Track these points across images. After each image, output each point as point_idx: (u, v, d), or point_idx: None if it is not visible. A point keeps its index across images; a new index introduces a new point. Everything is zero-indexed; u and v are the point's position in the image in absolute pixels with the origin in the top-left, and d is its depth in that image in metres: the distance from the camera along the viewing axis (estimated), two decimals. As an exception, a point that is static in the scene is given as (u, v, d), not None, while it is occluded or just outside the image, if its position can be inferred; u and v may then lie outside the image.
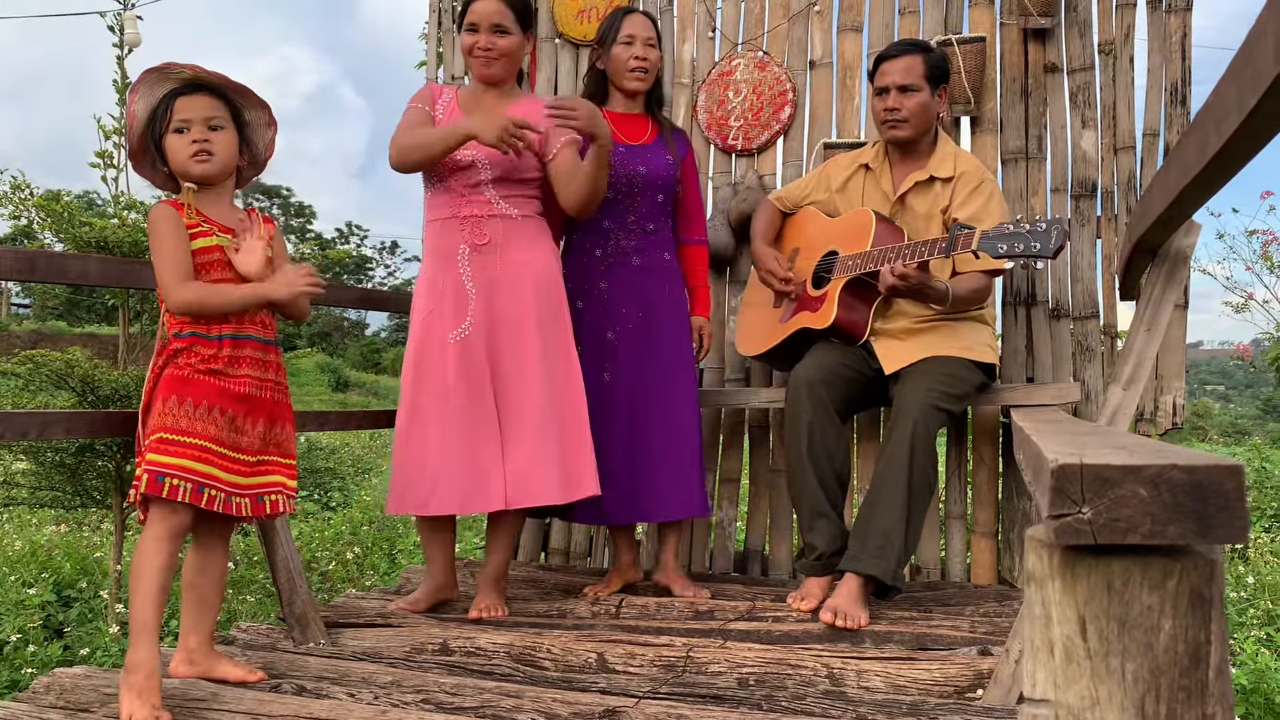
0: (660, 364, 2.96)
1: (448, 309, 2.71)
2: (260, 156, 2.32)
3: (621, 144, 2.97)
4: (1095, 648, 0.88)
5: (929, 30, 3.44)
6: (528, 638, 2.43)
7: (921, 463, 2.56)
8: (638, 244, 2.98)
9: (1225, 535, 0.83)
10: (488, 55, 2.75)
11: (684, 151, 3.08)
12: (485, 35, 2.74)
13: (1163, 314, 2.25)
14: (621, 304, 2.96)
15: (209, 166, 2.14)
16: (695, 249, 3.12)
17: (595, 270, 2.99)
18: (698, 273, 3.12)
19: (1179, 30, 3.15)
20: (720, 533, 3.58)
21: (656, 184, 2.97)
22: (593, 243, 3.00)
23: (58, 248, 6.37)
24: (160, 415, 2.03)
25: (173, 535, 2.03)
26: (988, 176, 2.88)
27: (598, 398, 2.91)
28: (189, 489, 1.98)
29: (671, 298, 3.01)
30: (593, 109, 2.63)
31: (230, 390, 2.09)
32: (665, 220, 3.05)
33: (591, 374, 2.92)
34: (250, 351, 2.13)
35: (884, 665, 2.18)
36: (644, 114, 3.07)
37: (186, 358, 2.06)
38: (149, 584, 2.00)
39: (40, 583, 4.19)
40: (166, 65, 2.16)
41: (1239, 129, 1.02)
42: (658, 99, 3.10)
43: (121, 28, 5.86)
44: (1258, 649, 3.05)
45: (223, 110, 2.18)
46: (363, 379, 23.54)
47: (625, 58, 2.97)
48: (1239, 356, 7.77)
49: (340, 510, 7.14)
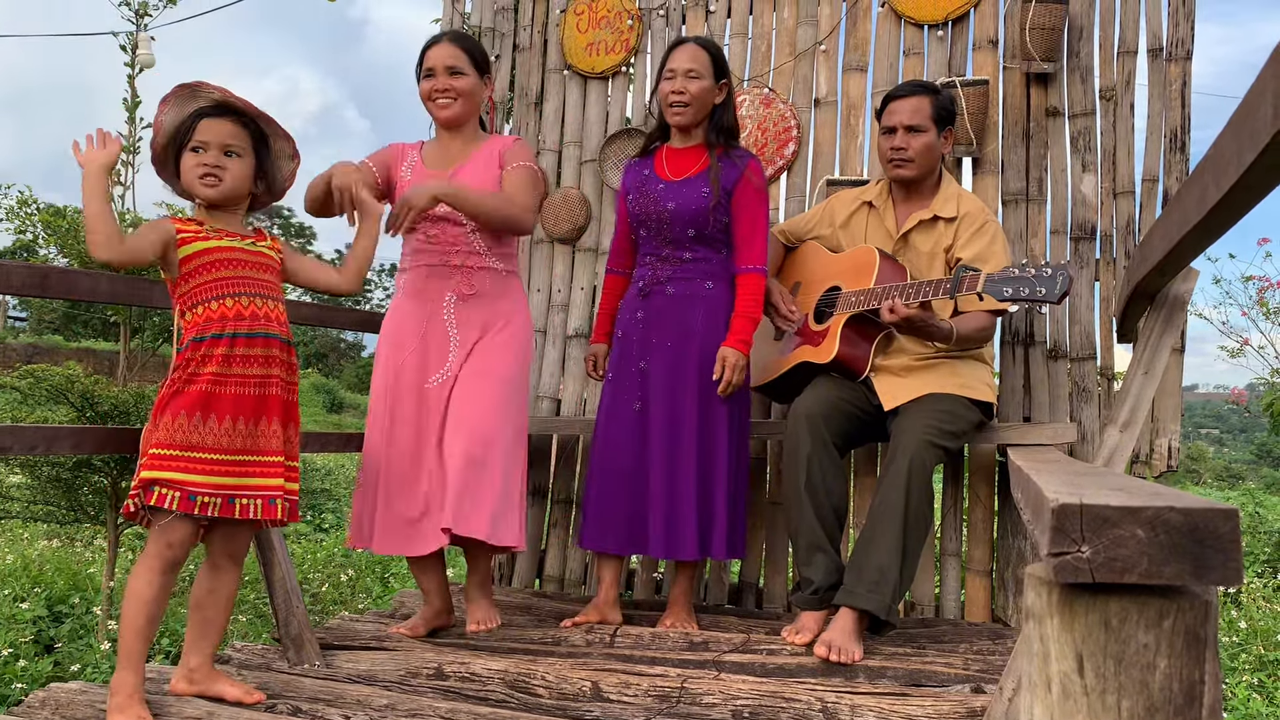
0: (688, 396, 2.89)
1: (430, 355, 2.74)
2: (279, 187, 2.35)
3: (664, 180, 2.97)
4: (1092, 684, 0.90)
5: (933, 72, 3.49)
6: (522, 664, 2.43)
7: (917, 499, 2.57)
8: (672, 273, 2.97)
9: (1220, 577, 0.85)
10: (445, 95, 2.78)
11: (734, 179, 2.92)
12: (442, 78, 2.78)
13: (1160, 357, 2.28)
14: (653, 334, 2.95)
15: (213, 192, 2.18)
16: (745, 277, 2.93)
17: (634, 300, 3.02)
18: (740, 302, 2.92)
19: (1179, 78, 3.20)
20: (716, 564, 3.58)
21: (684, 218, 2.92)
22: (637, 274, 3.05)
23: (61, 263, 6.39)
24: (157, 430, 2.05)
25: (165, 568, 2.06)
26: (991, 218, 2.92)
27: (625, 427, 2.92)
28: (178, 497, 2.00)
29: (711, 328, 2.92)
30: (408, 205, 2.55)
31: (234, 393, 2.09)
32: (710, 251, 2.96)
33: (622, 403, 2.95)
34: (260, 350, 2.14)
35: (878, 701, 2.18)
36: (700, 145, 3.00)
37: (194, 364, 2.08)
38: (137, 616, 2.04)
39: (32, 598, 4.18)
40: (199, 84, 2.20)
41: (1237, 182, 1.05)
42: (720, 127, 2.97)
43: (134, 48, 5.91)
44: (1249, 694, 3.06)
45: (243, 138, 2.21)
46: (357, 400, 23.54)
47: (665, 92, 2.95)
48: (1234, 401, 7.80)
49: (333, 532, 7.13)
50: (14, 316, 25.16)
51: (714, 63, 2.92)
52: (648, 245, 3.02)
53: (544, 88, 4.04)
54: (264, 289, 2.20)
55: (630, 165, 3.12)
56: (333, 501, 8.32)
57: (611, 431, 2.96)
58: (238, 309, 2.12)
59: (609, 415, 2.98)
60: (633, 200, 3.03)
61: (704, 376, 2.88)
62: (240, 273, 2.16)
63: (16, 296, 17.61)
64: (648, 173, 3.03)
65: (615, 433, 2.95)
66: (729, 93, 2.97)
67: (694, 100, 2.91)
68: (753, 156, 2.99)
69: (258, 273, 2.20)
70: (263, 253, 2.24)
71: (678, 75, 2.91)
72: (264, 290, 2.20)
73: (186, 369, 2.08)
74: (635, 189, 3.03)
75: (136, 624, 2.03)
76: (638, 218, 3.01)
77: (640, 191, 3.01)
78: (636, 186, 3.03)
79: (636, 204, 3.01)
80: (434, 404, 2.71)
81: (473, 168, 2.80)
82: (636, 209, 3.01)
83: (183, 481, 2.01)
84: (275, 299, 2.23)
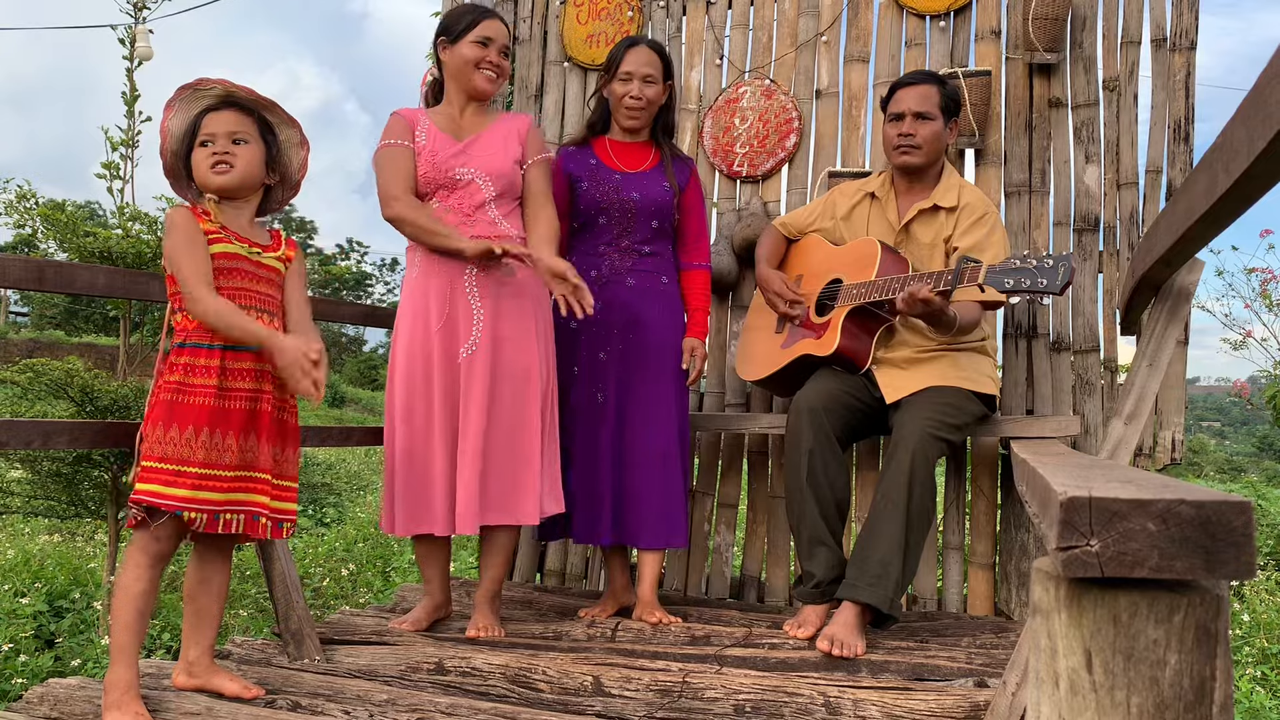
0: (646, 387, 2.97)
1: (459, 327, 2.72)
2: (292, 176, 2.33)
3: (618, 171, 3.02)
4: (1100, 680, 0.88)
5: (935, 63, 3.47)
6: (523, 659, 2.42)
7: (920, 492, 2.56)
8: (632, 266, 3.01)
9: (1232, 571, 0.83)
10: (496, 69, 2.82)
11: (685, 179, 3.08)
12: (497, 54, 2.80)
13: (1165, 350, 2.26)
14: (613, 325, 2.99)
15: (227, 178, 2.15)
16: (695, 273, 3.11)
17: (590, 291, 3.00)
18: (695, 296, 3.09)
19: (1183, 69, 3.18)
20: (717, 558, 3.57)
21: (650, 210, 3.00)
22: (590, 263, 3.02)
23: (60, 257, 6.38)
24: (150, 443, 2.03)
25: (152, 562, 2.06)
26: (991, 209, 2.90)
27: (592, 417, 2.97)
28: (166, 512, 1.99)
29: (665, 321, 3.01)
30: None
31: (223, 407, 2.06)
32: (664, 245, 3.07)
33: (587, 394, 2.98)
34: (251, 364, 2.11)
35: (880, 695, 2.17)
36: (647, 142, 3.09)
37: (185, 372, 2.06)
38: (127, 610, 2.04)
39: (33, 593, 4.17)
40: (199, 82, 2.18)
41: (1248, 169, 1.03)
42: (664, 127, 3.11)
43: (133, 41, 5.89)
44: (1252, 687, 3.05)
45: (249, 126, 2.19)
46: (359, 395, 23.51)
47: (621, 94, 3.00)
48: (1236, 393, 7.77)
49: (335, 526, 7.12)
50: (15, 312, 25.17)
51: (665, 67, 3.04)
52: (604, 235, 3.03)
53: (544, 80, 4.02)
54: (262, 302, 2.16)
55: (570, 153, 3.12)
56: (334, 496, 8.31)
57: (580, 425, 2.98)
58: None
59: (575, 408, 3.00)
60: (588, 188, 3.03)
61: (663, 368, 2.99)
62: (241, 284, 2.13)
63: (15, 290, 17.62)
64: (594, 162, 3.05)
65: (583, 426, 2.98)
66: (672, 93, 3.09)
67: (650, 105, 3.02)
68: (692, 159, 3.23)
69: (258, 285, 2.16)
70: (268, 264, 2.19)
71: (634, 79, 2.98)
72: (262, 304, 2.16)
73: (173, 374, 2.06)
74: (587, 176, 3.03)
75: (127, 619, 2.03)
76: (597, 205, 3.02)
77: (595, 180, 3.03)
78: (588, 174, 3.03)
79: (595, 191, 3.02)
80: (464, 376, 2.70)
81: (489, 140, 2.81)
82: (596, 196, 3.01)
83: (169, 495, 1.99)
84: (274, 313, 2.18)
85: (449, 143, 2.77)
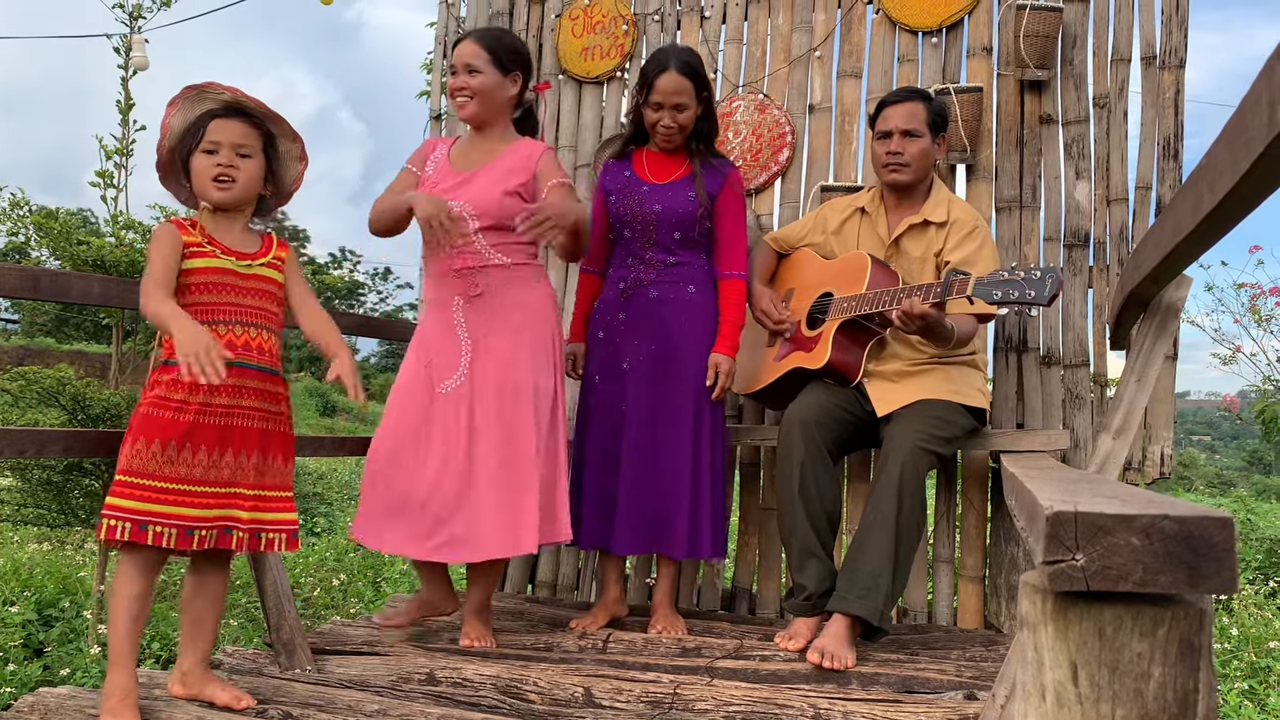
0: (670, 398, 2.94)
1: (446, 359, 2.73)
2: (286, 189, 2.33)
3: (646, 183, 3.01)
4: (1086, 693, 0.89)
5: (927, 79, 3.50)
6: (514, 670, 2.42)
7: (910, 504, 2.57)
8: (656, 277, 2.99)
9: (1215, 585, 0.85)
10: (462, 94, 2.78)
11: (717, 187, 3.00)
12: (460, 76, 2.77)
13: (1153, 365, 2.28)
14: (634, 336, 2.98)
15: (228, 194, 2.15)
16: (727, 283, 3.02)
17: (616, 301, 3.03)
18: (727, 307, 3.00)
19: (1172, 86, 3.21)
20: (709, 570, 3.58)
21: (671, 221, 2.96)
22: (618, 275, 3.05)
23: (53, 265, 6.38)
24: (125, 456, 2.03)
25: (144, 568, 2.05)
26: (981, 223, 2.92)
27: (614, 426, 2.97)
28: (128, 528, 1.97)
29: (692, 332, 2.96)
30: (560, 209, 2.57)
31: (197, 422, 2.05)
32: (693, 255, 3.02)
33: (612, 403, 2.99)
34: (233, 380, 2.06)
35: (870, 707, 2.18)
36: (682, 153, 3.05)
37: (166, 388, 2.05)
38: (123, 614, 2.04)
39: (22, 601, 4.15)
40: (208, 85, 2.18)
41: (1232, 190, 1.05)
42: (702, 134, 3.03)
43: (128, 50, 5.90)
44: (1241, 701, 3.06)
45: (254, 138, 2.19)
46: (351, 404, 23.46)
47: (652, 121, 2.98)
48: (1226, 408, 7.81)
49: (325, 536, 7.10)
50: (6, 319, 25.09)
51: (697, 86, 2.95)
52: (631, 246, 3.03)
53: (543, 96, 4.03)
54: (251, 316, 2.15)
55: (609, 166, 3.14)
56: (325, 506, 8.30)
57: (600, 433, 2.98)
58: (214, 338, 2.07)
59: (596, 417, 3.00)
60: (616, 201, 3.04)
61: (686, 378, 2.94)
62: (227, 298, 2.12)
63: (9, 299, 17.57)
64: (629, 174, 3.06)
65: (604, 434, 2.98)
66: (709, 103, 3.02)
67: (683, 129, 2.98)
68: (733, 165, 3.10)
69: (246, 298, 2.15)
70: (259, 274, 2.18)
71: (665, 110, 2.94)
72: (250, 318, 2.15)
73: (154, 389, 2.06)
74: (617, 190, 3.05)
75: (123, 624, 2.02)
76: (622, 218, 3.03)
77: (623, 193, 3.03)
78: (619, 188, 3.05)
79: (620, 205, 3.02)
80: (448, 410, 2.70)
81: (489, 172, 2.76)
82: (621, 209, 3.02)
83: (140, 511, 1.98)
84: (261, 326, 2.17)
85: (450, 175, 2.78)
